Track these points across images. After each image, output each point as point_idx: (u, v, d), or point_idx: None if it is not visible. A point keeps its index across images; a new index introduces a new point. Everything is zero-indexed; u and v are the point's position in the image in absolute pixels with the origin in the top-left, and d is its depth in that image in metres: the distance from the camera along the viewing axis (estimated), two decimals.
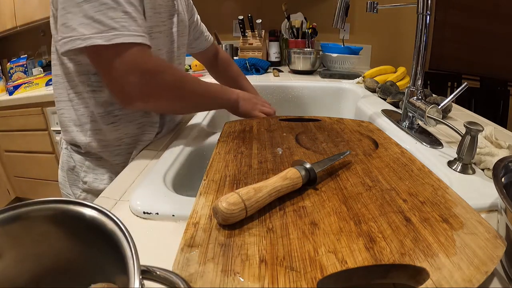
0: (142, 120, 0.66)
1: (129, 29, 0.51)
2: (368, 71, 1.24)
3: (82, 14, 0.48)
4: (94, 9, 0.48)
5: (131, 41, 0.50)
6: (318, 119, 0.67)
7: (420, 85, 0.65)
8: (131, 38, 0.50)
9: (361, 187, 0.39)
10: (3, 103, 1.77)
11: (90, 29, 0.48)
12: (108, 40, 0.49)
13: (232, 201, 0.31)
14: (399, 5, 0.72)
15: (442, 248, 0.29)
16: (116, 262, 0.22)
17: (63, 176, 0.71)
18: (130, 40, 0.50)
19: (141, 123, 0.66)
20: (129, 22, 0.51)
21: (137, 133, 0.66)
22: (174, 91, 0.58)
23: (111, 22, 0.49)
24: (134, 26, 0.51)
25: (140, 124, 0.66)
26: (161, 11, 0.63)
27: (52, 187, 1.93)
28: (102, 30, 0.48)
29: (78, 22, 0.48)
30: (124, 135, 0.65)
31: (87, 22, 0.48)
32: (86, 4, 0.48)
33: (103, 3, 0.48)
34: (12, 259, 0.26)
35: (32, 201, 0.26)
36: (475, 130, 0.48)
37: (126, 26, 0.50)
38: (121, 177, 0.52)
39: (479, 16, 2.27)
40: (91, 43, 0.48)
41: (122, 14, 0.50)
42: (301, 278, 0.25)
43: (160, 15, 0.63)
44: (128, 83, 0.52)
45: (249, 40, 1.65)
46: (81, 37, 0.48)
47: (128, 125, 0.65)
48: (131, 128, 0.65)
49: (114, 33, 0.49)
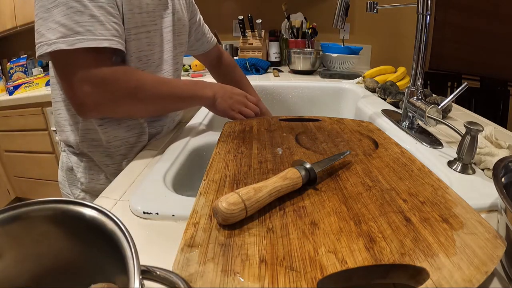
0: (130, 123, 0.64)
1: (95, 33, 0.50)
2: (368, 71, 1.24)
3: (51, 19, 0.48)
4: (61, 13, 0.48)
5: (95, 46, 0.49)
6: (318, 119, 0.67)
7: (420, 85, 0.65)
8: (95, 43, 0.49)
9: (361, 187, 0.39)
10: (3, 103, 1.77)
11: (56, 34, 0.48)
12: (71, 45, 0.48)
13: (232, 201, 0.31)
14: (399, 5, 0.72)
15: (442, 248, 0.29)
16: (116, 262, 0.22)
17: (62, 176, 0.72)
18: (93, 44, 0.49)
19: (130, 125, 0.65)
20: (95, 26, 0.50)
21: (126, 136, 0.65)
22: (130, 99, 0.56)
23: (75, 26, 0.48)
24: (101, 30, 0.50)
25: (128, 126, 0.64)
26: (149, 10, 0.62)
27: (52, 187, 1.93)
28: (66, 34, 0.48)
29: (46, 28, 0.48)
30: (113, 138, 0.64)
31: (54, 27, 0.48)
32: (55, 9, 0.48)
33: (70, 6, 0.48)
34: (12, 259, 0.26)
35: (32, 201, 0.26)
36: (475, 130, 0.48)
37: (91, 30, 0.49)
38: (121, 177, 0.52)
39: (479, 16, 2.27)
40: (56, 48, 0.48)
41: (88, 18, 0.49)
42: (301, 278, 0.25)
43: (147, 15, 0.61)
44: (82, 93, 0.51)
45: (249, 40, 1.65)
46: (47, 42, 0.48)
47: (117, 127, 0.63)
48: (120, 131, 0.64)
49: (77, 38, 0.48)
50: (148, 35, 0.62)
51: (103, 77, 0.52)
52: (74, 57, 0.49)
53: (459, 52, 2.37)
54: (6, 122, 1.83)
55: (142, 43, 0.61)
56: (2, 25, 2.01)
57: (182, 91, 0.63)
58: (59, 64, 0.52)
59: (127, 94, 0.55)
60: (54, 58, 0.51)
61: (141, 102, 0.58)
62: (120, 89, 0.54)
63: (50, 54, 0.49)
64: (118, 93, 0.54)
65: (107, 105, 0.55)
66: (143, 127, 0.66)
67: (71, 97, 0.53)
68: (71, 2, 0.48)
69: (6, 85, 1.86)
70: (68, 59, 0.50)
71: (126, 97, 0.56)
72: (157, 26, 0.65)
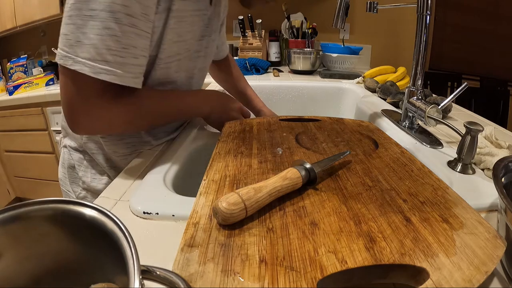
0: (130, 140, 0.62)
1: (123, 68, 0.46)
2: (368, 71, 1.24)
3: (84, 30, 0.43)
4: (95, 30, 0.43)
5: (119, 83, 0.46)
6: (318, 119, 0.67)
7: (420, 85, 0.65)
8: (120, 80, 0.46)
9: (361, 187, 0.39)
10: (3, 103, 1.77)
11: (84, 52, 0.43)
12: (95, 73, 0.44)
13: (232, 201, 0.31)
14: (399, 5, 0.72)
15: (442, 248, 0.29)
16: (116, 262, 0.22)
17: (63, 173, 0.71)
18: (118, 81, 0.46)
19: (130, 142, 0.62)
20: (126, 59, 0.46)
21: (126, 152, 0.63)
22: (126, 126, 0.55)
23: (106, 52, 0.44)
24: (130, 66, 0.47)
25: (129, 143, 0.62)
26: (187, 38, 0.58)
27: (52, 187, 1.93)
28: (94, 58, 0.44)
29: (76, 39, 0.44)
30: (112, 152, 0.62)
31: (85, 42, 0.43)
32: (91, 20, 0.43)
33: (107, 27, 0.43)
34: (12, 259, 0.26)
35: (32, 201, 0.26)
36: (475, 130, 0.48)
37: (121, 63, 0.46)
38: (121, 177, 0.52)
39: (479, 16, 2.27)
40: (79, 69, 0.44)
41: (122, 47, 0.45)
42: (301, 278, 0.25)
43: (184, 43, 0.58)
44: (80, 119, 0.48)
45: (249, 40, 1.65)
46: (74, 58, 0.44)
47: (117, 143, 0.62)
48: (120, 146, 0.62)
49: (104, 67, 0.44)
50: (178, 63, 0.59)
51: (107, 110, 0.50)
52: (90, 83, 0.46)
53: (459, 52, 2.37)
54: (6, 122, 1.83)
55: (170, 71, 0.59)
56: (2, 25, 2.01)
57: (179, 111, 0.61)
58: (71, 81, 0.46)
59: (123, 123, 0.54)
60: (70, 72, 0.45)
61: (137, 127, 0.58)
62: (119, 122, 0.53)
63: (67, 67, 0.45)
64: (115, 123, 0.53)
65: (101, 131, 0.56)
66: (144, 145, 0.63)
67: (68, 115, 0.49)
68: (110, 21, 0.43)
69: (6, 85, 1.86)
70: (84, 83, 0.46)
71: (122, 125, 0.54)
72: (190, 52, 0.61)
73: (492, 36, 2.22)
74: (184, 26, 0.55)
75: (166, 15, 0.51)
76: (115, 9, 0.43)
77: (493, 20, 2.21)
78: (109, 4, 0.43)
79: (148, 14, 0.47)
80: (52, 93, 1.70)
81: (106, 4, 0.42)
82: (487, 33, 2.24)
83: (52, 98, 1.70)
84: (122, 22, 0.44)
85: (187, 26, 0.56)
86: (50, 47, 2.16)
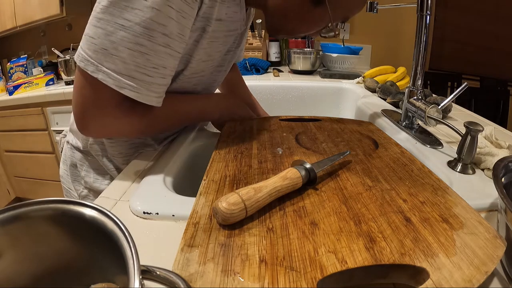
0: (134, 141, 0.63)
1: (149, 88, 0.44)
2: (368, 71, 1.24)
3: (113, 39, 0.40)
4: (127, 43, 0.40)
5: (142, 101, 0.45)
6: (318, 119, 0.67)
7: (420, 85, 0.65)
8: (143, 98, 0.44)
9: (361, 187, 0.39)
10: (3, 103, 1.77)
11: (110, 64, 0.41)
12: (119, 87, 0.42)
13: (232, 201, 0.31)
14: (399, 5, 0.72)
15: (442, 248, 0.29)
16: (116, 262, 0.22)
17: (65, 170, 0.71)
18: (141, 99, 0.44)
19: (135, 143, 0.63)
20: (154, 79, 0.44)
21: (129, 153, 0.63)
22: (138, 134, 0.56)
23: (133, 69, 0.42)
24: (156, 85, 0.45)
25: (133, 144, 0.63)
26: (215, 57, 0.56)
27: (52, 187, 1.93)
28: (120, 72, 0.42)
29: (103, 45, 0.41)
30: (117, 153, 0.63)
31: (112, 52, 0.41)
32: (123, 31, 0.40)
33: (138, 43, 0.41)
34: (12, 259, 0.26)
35: (32, 201, 0.26)
36: (475, 130, 0.48)
37: (147, 82, 0.43)
38: (121, 177, 0.52)
39: (479, 16, 2.27)
40: (102, 79, 0.42)
41: (151, 67, 0.43)
42: (301, 278, 0.25)
43: (211, 62, 0.56)
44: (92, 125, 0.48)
45: (249, 40, 1.65)
46: (98, 66, 0.41)
47: (123, 144, 0.62)
48: (125, 147, 0.62)
49: (129, 83, 0.42)
50: (201, 78, 0.58)
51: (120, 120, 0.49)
52: (110, 94, 0.44)
53: (459, 52, 2.37)
54: (6, 122, 1.84)
55: (190, 84, 0.58)
56: (2, 25, 2.01)
57: (189, 116, 0.61)
58: (90, 86, 0.44)
59: (134, 131, 0.54)
60: (90, 77, 0.43)
61: (145, 134, 0.59)
62: (130, 131, 0.53)
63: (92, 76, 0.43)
64: (126, 131, 0.53)
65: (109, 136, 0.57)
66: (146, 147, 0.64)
67: (78, 117, 0.47)
68: (143, 37, 0.40)
69: (6, 85, 1.86)
70: (104, 93, 0.44)
71: (132, 133, 0.55)
72: (212, 67, 0.59)
73: (492, 36, 2.22)
74: (216, 46, 0.54)
75: (199, 34, 0.49)
76: (152, 27, 0.40)
77: (493, 20, 2.21)
78: (146, 20, 0.40)
79: (184, 35, 0.45)
80: (52, 93, 1.70)
81: (143, 19, 0.40)
82: (487, 33, 2.24)
83: (52, 98, 1.70)
84: (156, 41, 0.41)
85: (219, 46, 0.55)
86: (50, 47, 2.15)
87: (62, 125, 1.75)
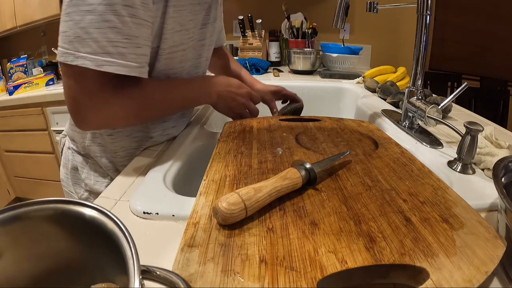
0: (138, 135, 0.63)
1: (127, 58, 0.46)
2: (368, 71, 1.24)
3: (83, 24, 0.43)
4: (95, 24, 0.43)
5: (124, 73, 0.46)
6: (318, 119, 0.67)
7: (420, 85, 0.65)
8: (125, 70, 0.46)
9: (361, 187, 0.39)
10: (3, 103, 1.77)
11: (85, 47, 0.43)
12: (98, 65, 0.44)
13: (232, 201, 0.31)
14: (399, 5, 0.72)
15: (442, 248, 0.29)
16: (116, 262, 0.22)
17: (65, 174, 0.71)
18: (123, 72, 0.46)
19: (137, 137, 0.63)
20: (129, 49, 0.46)
21: (133, 146, 0.63)
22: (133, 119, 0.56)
23: (107, 44, 0.44)
24: (134, 55, 0.46)
25: (136, 138, 0.63)
26: (189, 27, 0.57)
27: (52, 187, 1.93)
28: (96, 52, 0.43)
29: (75, 34, 0.43)
30: (120, 148, 0.63)
31: (84, 37, 0.43)
32: (89, 15, 0.43)
33: (106, 20, 0.43)
34: (12, 259, 0.26)
35: (32, 201, 0.26)
36: (475, 130, 0.48)
37: (124, 54, 0.45)
38: (121, 177, 0.52)
39: (479, 16, 2.27)
40: (81, 64, 0.43)
41: (123, 38, 0.45)
42: (301, 278, 0.25)
43: (186, 32, 0.57)
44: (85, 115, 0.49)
45: (249, 40, 1.65)
46: (75, 54, 0.43)
47: (125, 138, 0.62)
48: (128, 141, 0.63)
49: (107, 59, 0.44)
50: (183, 53, 0.59)
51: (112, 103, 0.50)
52: (93, 77, 0.46)
53: (459, 52, 2.37)
54: (6, 122, 1.84)
55: (174, 62, 0.58)
56: (2, 25, 2.01)
57: (185, 99, 0.61)
58: (74, 78, 0.46)
59: (129, 115, 0.54)
60: (71, 69, 0.45)
61: (144, 118, 0.58)
62: (125, 115, 0.53)
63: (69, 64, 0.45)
64: (122, 115, 0.53)
65: (108, 124, 0.56)
66: (148, 141, 0.64)
67: (74, 113, 0.49)
68: (108, 14, 0.43)
69: (6, 85, 1.86)
70: (87, 78, 0.46)
71: (129, 117, 0.55)
72: (194, 41, 0.61)
73: (492, 36, 2.22)
74: (185, 14, 0.55)
75: (164, 4, 0.51)
76: (113, 2, 0.43)
77: (493, 20, 2.21)
78: None
79: (147, 3, 0.47)
80: (52, 93, 1.70)
81: None
82: (487, 33, 2.24)
83: (52, 98, 1.70)
84: (120, 13, 0.44)
85: (188, 15, 0.56)
86: (50, 47, 2.16)
87: (62, 125, 1.75)
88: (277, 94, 0.85)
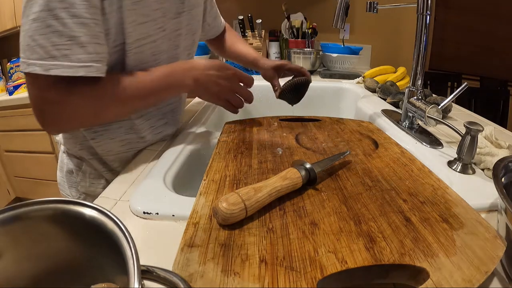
0: (126, 137, 0.60)
1: (71, 59, 0.46)
2: (368, 71, 1.24)
3: (30, 33, 0.44)
4: (39, 30, 0.44)
5: (70, 74, 0.46)
6: (318, 119, 0.67)
7: (420, 85, 0.65)
8: (70, 71, 0.46)
9: (361, 187, 0.39)
10: (3, 103, 1.77)
11: (33, 53, 0.45)
12: (46, 70, 0.45)
13: (232, 201, 0.31)
14: (399, 5, 0.72)
15: (442, 248, 0.29)
16: (116, 262, 0.22)
17: (61, 177, 0.71)
18: (68, 73, 0.46)
19: (125, 139, 0.61)
20: (73, 50, 0.46)
21: (121, 150, 0.61)
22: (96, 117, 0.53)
23: (52, 49, 0.45)
24: (79, 55, 0.46)
25: (124, 141, 0.61)
26: (156, 16, 0.55)
27: (52, 187, 1.93)
28: (43, 57, 0.45)
29: (25, 42, 0.45)
30: (106, 152, 0.61)
31: (32, 44, 0.44)
32: (34, 23, 0.44)
33: (48, 25, 0.44)
34: (12, 259, 0.26)
35: (32, 201, 0.26)
36: (475, 130, 0.48)
37: (68, 55, 0.45)
38: (121, 177, 0.52)
39: (479, 16, 2.27)
40: (32, 70, 0.45)
41: (66, 40, 0.45)
42: (301, 278, 0.25)
43: (153, 22, 0.55)
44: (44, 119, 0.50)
45: (249, 40, 1.65)
46: (26, 62, 0.45)
47: (109, 142, 0.60)
48: (114, 145, 0.60)
49: (53, 63, 0.45)
50: (154, 45, 0.56)
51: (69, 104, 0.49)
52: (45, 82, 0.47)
53: (459, 52, 2.37)
54: (6, 122, 1.83)
55: (146, 55, 0.56)
56: (2, 25, 2.01)
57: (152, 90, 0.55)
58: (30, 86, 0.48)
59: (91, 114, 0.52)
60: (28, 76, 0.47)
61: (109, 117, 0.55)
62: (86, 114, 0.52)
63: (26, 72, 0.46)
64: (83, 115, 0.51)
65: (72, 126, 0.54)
66: (141, 142, 0.62)
67: (37, 119, 0.50)
68: (50, 19, 0.44)
69: (6, 85, 1.86)
70: (40, 83, 0.47)
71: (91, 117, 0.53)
72: (166, 32, 0.57)
73: (492, 36, 2.22)
74: (148, 4, 0.53)
75: None
76: (52, 6, 0.44)
77: (493, 20, 2.21)
78: (46, 3, 0.43)
79: (88, 0, 0.46)
80: None
81: (43, 4, 0.43)
82: (487, 33, 2.24)
83: None
84: (60, 16, 0.44)
85: (153, 4, 0.53)
86: None
87: None
88: (280, 70, 0.78)
